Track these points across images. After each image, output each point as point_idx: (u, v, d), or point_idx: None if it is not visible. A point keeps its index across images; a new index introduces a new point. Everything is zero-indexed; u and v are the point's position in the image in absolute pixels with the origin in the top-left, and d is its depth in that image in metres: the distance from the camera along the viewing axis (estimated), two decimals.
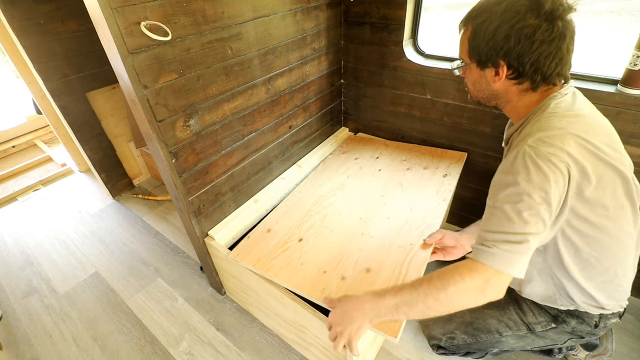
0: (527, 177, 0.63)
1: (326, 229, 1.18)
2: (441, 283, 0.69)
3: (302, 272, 1.03)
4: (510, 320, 0.96)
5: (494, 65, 0.74)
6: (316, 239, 1.15)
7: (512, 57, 0.70)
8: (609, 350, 1.05)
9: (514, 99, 0.79)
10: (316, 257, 1.08)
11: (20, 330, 1.39)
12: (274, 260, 1.08)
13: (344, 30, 1.51)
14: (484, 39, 0.72)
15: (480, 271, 0.66)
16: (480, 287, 0.66)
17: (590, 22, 3.69)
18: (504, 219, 0.66)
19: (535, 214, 0.63)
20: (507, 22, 0.68)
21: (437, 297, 0.68)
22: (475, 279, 0.66)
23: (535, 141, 0.65)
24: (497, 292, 0.67)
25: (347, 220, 1.20)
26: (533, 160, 0.64)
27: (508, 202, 0.65)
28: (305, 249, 1.11)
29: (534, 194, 0.63)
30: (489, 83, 0.78)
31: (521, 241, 0.63)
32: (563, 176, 0.63)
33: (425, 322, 1.18)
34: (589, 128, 0.67)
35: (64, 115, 1.76)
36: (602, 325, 0.87)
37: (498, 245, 0.65)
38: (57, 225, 1.94)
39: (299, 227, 1.20)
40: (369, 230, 1.15)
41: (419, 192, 1.29)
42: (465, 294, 0.67)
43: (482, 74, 0.78)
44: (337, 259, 1.06)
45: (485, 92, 0.81)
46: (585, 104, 0.75)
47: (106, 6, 0.71)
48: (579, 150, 0.64)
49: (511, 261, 0.64)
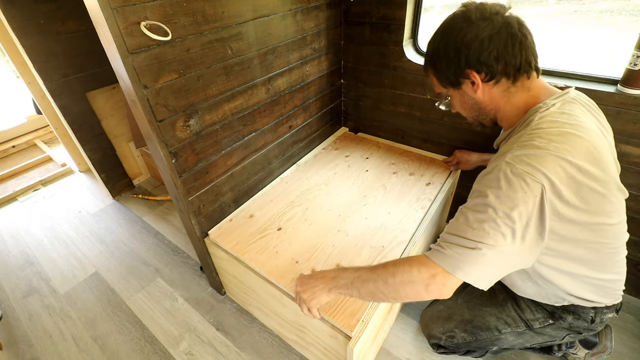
0: (496, 192, 0.64)
1: (305, 221, 1.23)
2: (394, 269, 0.73)
3: (275, 260, 1.09)
4: (508, 317, 0.98)
5: (465, 77, 0.77)
6: (294, 230, 1.20)
7: (473, 62, 0.73)
8: (608, 348, 1.05)
9: (500, 102, 0.79)
10: (291, 247, 1.13)
11: (20, 330, 1.39)
12: (251, 245, 1.15)
13: (344, 30, 1.51)
14: (443, 65, 0.78)
15: (429, 267, 0.69)
16: (425, 282, 0.69)
17: (590, 22, 3.69)
18: (464, 224, 0.67)
19: (495, 227, 0.63)
20: (452, 41, 0.74)
21: (385, 281, 0.72)
22: (422, 272, 0.69)
23: (513, 158, 0.66)
24: (441, 291, 0.69)
25: (327, 216, 1.25)
26: (507, 177, 0.64)
27: (473, 211, 0.67)
28: (282, 238, 1.17)
29: (499, 209, 0.63)
30: (472, 96, 0.81)
31: (474, 248, 0.64)
32: (534, 197, 0.62)
33: (425, 321, 1.18)
34: (572, 148, 0.64)
35: (64, 115, 1.76)
36: (599, 320, 0.88)
37: (452, 248, 0.67)
38: (57, 225, 1.94)
39: (280, 216, 1.26)
40: (345, 228, 1.20)
41: (400, 197, 1.31)
42: (411, 285, 0.70)
43: (462, 92, 0.82)
44: (311, 251, 1.11)
45: (475, 107, 0.84)
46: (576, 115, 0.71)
47: (106, 6, 0.71)
48: (558, 172, 0.62)
49: (460, 264, 0.66)
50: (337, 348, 0.95)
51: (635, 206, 1.17)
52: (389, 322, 1.23)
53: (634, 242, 1.23)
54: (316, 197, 1.34)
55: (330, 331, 0.92)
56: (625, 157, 1.11)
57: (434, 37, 0.80)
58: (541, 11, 3.74)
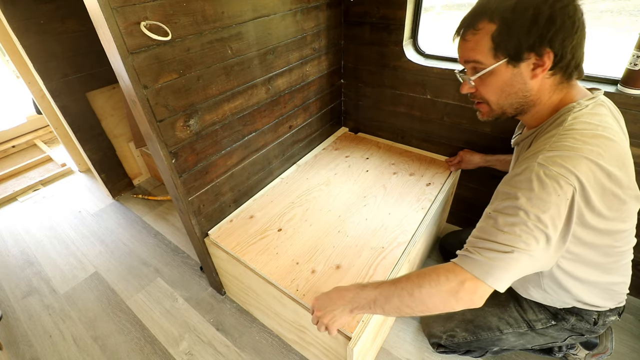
0: (528, 194, 0.61)
1: (306, 222, 1.23)
2: (418, 280, 0.68)
3: (276, 261, 1.09)
4: (510, 318, 0.97)
5: (537, 55, 0.65)
6: (295, 230, 1.20)
7: (558, 41, 0.63)
8: (609, 349, 1.05)
9: (544, 98, 0.72)
10: (291, 248, 1.13)
11: (20, 330, 1.39)
12: (251, 246, 1.15)
13: (344, 30, 1.51)
14: (523, 26, 0.63)
15: (457, 274, 0.65)
16: (454, 290, 0.65)
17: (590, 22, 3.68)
18: (494, 228, 0.64)
19: (527, 231, 0.60)
20: (545, 2, 0.61)
21: (411, 293, 0.68)
22: (450, 280, 0.65)
23: (546, 159, 0.62)
24: (472, 299, 0.65)
25: (327, 217, 1.25)
26: (540, 179, 0.61)
27: (503, 214, 0.64)
28: (282, 239, 1.16)
29: (531, 212, 0.60)
30: (526, 81, 0.69)
31: (506, 251, 0.61)
32: (567, 199, 0.60)
33: (425, 320, 1.18)
34: (604, 151, 0.62)
35: (64, 115, 1.76)
36: (601, 322, 0.88)
37: (482, 253, 0.64)
38: (57, 225, 1.94)
39: (280, 217, 1.26)
40: (345, 228, 1.19)
41: (400, 198, 1.31)
42: (438, 295, 0.66)
43: (516, 72, 0.68)
44: (311, 252, 1.11)
45: (519, 94, 0.72)
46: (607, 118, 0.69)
47: (106, 6, 0.71)
48: (588, 176, 0.60)
49: (491, 270, 0.62)
50: (337, 348, 0.95)
51: None
52: (389, 322, 1.23)
53: None
54: (316, 197, 1.34)
55: None
56: None
57: None
58: None
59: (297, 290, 0.99)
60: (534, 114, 0.76)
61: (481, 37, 0.68)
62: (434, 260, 1.54)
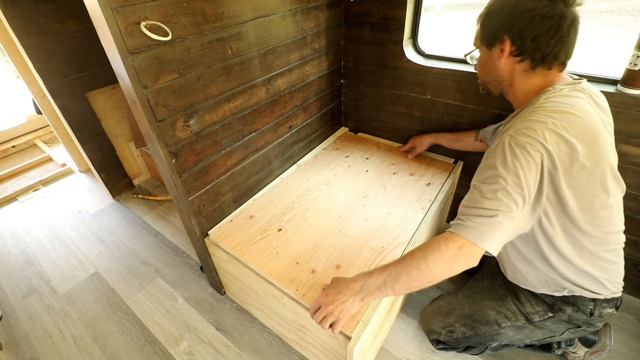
0: (503, 163, 0.70)
1: (305, 222, 1.23)
2: (422, 254, 0.75)
3: (276, 261, 1.09)
4: (508, 311, 0.99)
5: (500, 42, 0.80)
6: (295, 230, 1.20)
7: (515, 32, 0.77)
8: (608, 347, 1.05)
9: (517, 80, 0.84)
10: (291, 248, 1.13)
11: (20, 330, 1.39)
12: (251, 246, 1.15)
13: (344, 30, 1.51)
14: (492, 19, 0.81)
15: (455, 240, 0.72)
16: (454, 255, 0.72)
17: (590, 22, 3.69)
18: (479, 196, 0.72)
19: (507, 195, 0.69)
20: (511, 2, 0.76)
21: (418, 267, 0.74)
22: (450, 247, 0.72)
23: (515, 131, 0.72)
24: (470, 261, 0.72)
25: (327, 217, 1.25)
26: (511, 148, 0.70)
27: (485, 183, 0.73)
28: (282, 239, 1.17)
29: (508, 178, 0.69)
30: (495, 62, 0.84)
31: (491, 215, 0.69)
32: (536, 164, 0.69)
33: (424, 317, 1.19)
34: (570, 127, 0.70)
35: (64, 115, 1.76)
36: (597, 313, 0.89)
37: (471, 219, 0.72)
38: (57, 225, 1.94)
39: (280, 217, 1.26)
40: (345, 228, 1.20)
41: (400, 198, 1.31)
42: (442, 262, 0.73)
43: (489, 54, 0.85)
44: (311, 252, 1.11)
45: (492, 73, 0.87)
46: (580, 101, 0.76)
47: (106, 6, 0.71)
48: (553, 145, 0.69)
49: (482, 233, 0.70)
50: (337, 348, 0.95)
51: (635, 206, 1.17)
52: (389, 322, 1.23)
53: (634, 243, 1.23)
54: (316, 197, 1.34)
55: (330, 331, 0.92)
56: (625, 157, 1.11)
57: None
58: None
59: (297, 290, 0.99)
60: (512, 94, 0.88)
61: (480, 27, 0.86)
62: None
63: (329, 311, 0.83)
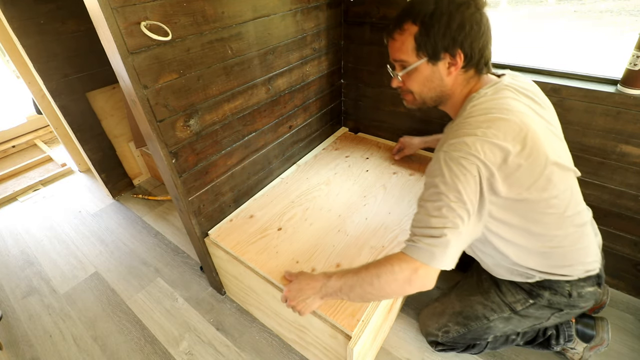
0: (442, 180, 0.70)
1: (306, 221, 1.23)
2: (376, 271, 0.76)
3: (276, 260, 1.09)
4: (493, 304, 1.00)
5: (451, 55, 0.75)
6: (295, 230, 1.20)
7: (467, 44, 0.73)
8: (606, 341, 1.06)
9: (457, 90, 0.82)
10: (291, 247, 1.14)
11: (20, 330, 1.39)
12: (251, 245, 1.15)
13: (344, 30, 1.51)
14: (439, 30, 0.72)
15: (409, 263, 0.73)
16: (408, 278, 0.73)
17: (590, 22, 3.70)
18: (425, 215, 0.73)
19: (451, 211, 0.69)
20: (457, 10, 0.71)
21: (371, 283, 0.76)
22: (404, 270, 0.73)
23: (448, 146, 0.72)
24: (424, 283, 0.74)
25: (327, 216, 1.25)
26: (447, 164, 0.70)
27: (429, 201, 0.73)
28: (282, 238, 1.17)
29: (449, 194, 0.69)
30: (442, 77, 0.79)
31: (440, 235, 0.70)
32: (473, 177, 0.69)
33: (422, 320, 1.20)
34: (499, 132, 0.70)
35: (64, 115, 1.76)
36: (576, 294, 0.90)
37: (422, 240, 0.72)
38: (57, 225, 1.94)
39: (280, 216, 1.26)
40: (346, 228, 1.20)
41: (401, 197, 1.31)
42: (395, 283, 0.74)
43: (434, 69, 0.78)
44: (311, 251, 1.12)
45: (437, 89, 0.82)
46: (507, 100, 0.75)
47: (106, 6, 0.71)
48: (487, 154, 0.68)
49: (433, 255, 0.71)
50: (337, 348, 0.95)
51: (635, 206, 1.17)
52: (389, 322, 1.23)
53: (634, 242, 1.24)
54: (316, 197, 1.34)
55: (330, 331, 0.92)
56: (625, 157, 1.11)
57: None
58: (541, 11, 3.74)
59: None
60: (450, 105, 0.86)
61: (406, 37, 0.77)
62: None
63: (292, 305, 0.90)
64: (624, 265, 1.29)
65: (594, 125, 1.11)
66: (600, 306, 1.19)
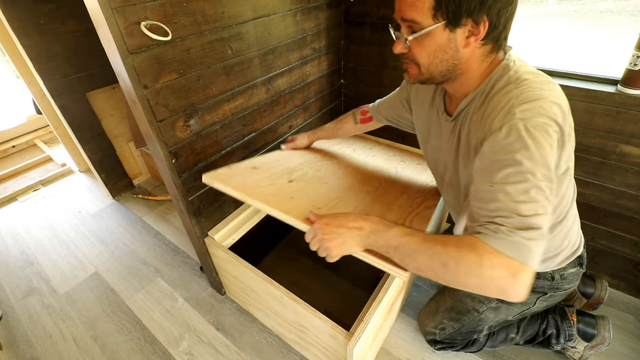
0: (527, 154, 0.56)
1: (320, 180, 1.07)
2: (457, 253, 0.58)
3: (293, 203, 0.90)
4: (480, 295, 1.00)
5: (474, 22, 0.61)
6: (307, 184, 1.02)
7: (494, 11, 0.60)
8: (607, 339, 1.06)
9: (472, 66, 0.69)
10: (308, 196, 0.95)
11: (20, 330, 1.39)
12: (260, 189, 0.94)
13: (344, 30, 1.51)
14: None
15: (503, 260, 0.55)
16: (502, 282, 0.55)
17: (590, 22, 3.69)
18: (510, 201, 0.56)
19: (540, 192, 0.56)
20: None
21: (444, 264, 0.59)
22: (496, 268, 0.55)
23: (524, 112, 0.59)
24: (522, 290, 0.55)
25: (344, 178, 1.10)
26: (530, 134, 0.57)
27: (510, 183, 0.57)
28: (295, 189, 0.98)
29: (537, 172, 0.56)
30: (458, 48, 0.65)
31: (537, 226, 0.55)
32: (555, 147, 0.59)
33: (420, 319, 1.21)
34: (559, 93, 0.63)
35: (64, 115, 1.76)
36: (559, 276, 0.90)
37: (516, 233, 0.54)
38: (57, 225, 1.94)
39: (290, 172, 1.08)
40: (367, 188, 1.05)
41: (415, 176, 1.22)
42: (478, 280, 0.56)
43: (451, 37, 0.63)
44: (333, 202, 0.95)
45: (449, 62, 0.67)
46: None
47: (106, 6, 0.71)
48: (560, 118, 0.60)
49: (531, 252, 0.54)
50: (337, 348, 0.95)
51: (635, 206, 1.17)
52: (389, 322, 1.23)
53: (634, 243, 1.24)
54: (327, 164, 1.19)
55: (330, 331, 0.92)
56: (626, 157, 1.11)
57: None
58: (541, 11, 3.74)
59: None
60: (461, 82, 0.72)
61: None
62: None
63: (320, 239, 0.72)
64: (624, 265, 1.29)
65: (594, 125, 1.11)
66: (598, 302, 1.20)
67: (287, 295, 1.00)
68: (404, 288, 1.22)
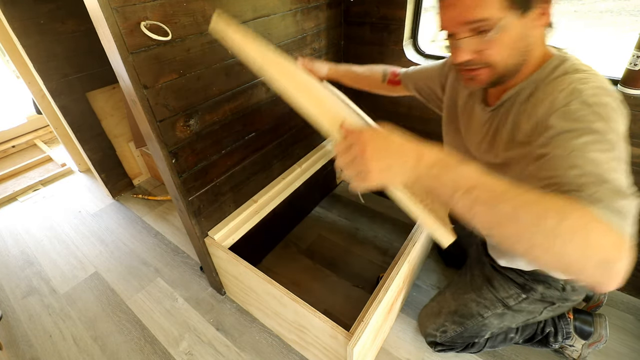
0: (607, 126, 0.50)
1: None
2: (562, 205, 0.42)
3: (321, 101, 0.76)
4: (486, 300, 1.00)
5: (544, 2, 0.56)
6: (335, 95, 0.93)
7: None
8: (604, 337, 1.07)
9: (535, 51, 0.63)
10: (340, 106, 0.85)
11: (20, 330, 1.39)
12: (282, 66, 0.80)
13: (344, 30, 1.51)
14: None
15: (619, 238, 0.41)
16: (614, 258, 0.40)
17: (590, 22, 3.69)
18: (606, 168, 0.46)
19: (624, 167, 0.49)
20: None
21: (543, 216, 0.41)
22: (605, 236, 0.41)
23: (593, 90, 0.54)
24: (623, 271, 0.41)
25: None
26: (606, 109, 0.52)
27: (594, 151, 0.48)
28: (324, 93, 0.89)
29: (617, 145, 0.50)
30: (529, 34, 0.59)
31: (632, 197, 0.46)
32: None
33: (421, 320, 1.20)
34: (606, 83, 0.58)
35: (64, 115, 1.76)
36: (570, 287, 0.90)
37: (617, 201, 0.44)
38: (57, 225, 1.94)
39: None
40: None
41: None
42: (590, 252, 0.40)
43: (523, 23, 0.56)
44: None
45: (522, 50, 0.60)
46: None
47: (106, 6, 0.71)
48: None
49: (629, 224, 0.44)
50: (337, 348, 0.95)
51: None
52: (389, 322, 1.23)
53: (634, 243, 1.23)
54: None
55: (330, 331, 0.92)
56: None
57: None
58: None
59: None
60: (523, 71, 0.65)
61: None
62: (434, 260, 1.54)
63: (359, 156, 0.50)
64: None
65: None
66: (597, 305, 1.20)
67: (287, 295, 1.00)
68: (404, 288, 1.23)
